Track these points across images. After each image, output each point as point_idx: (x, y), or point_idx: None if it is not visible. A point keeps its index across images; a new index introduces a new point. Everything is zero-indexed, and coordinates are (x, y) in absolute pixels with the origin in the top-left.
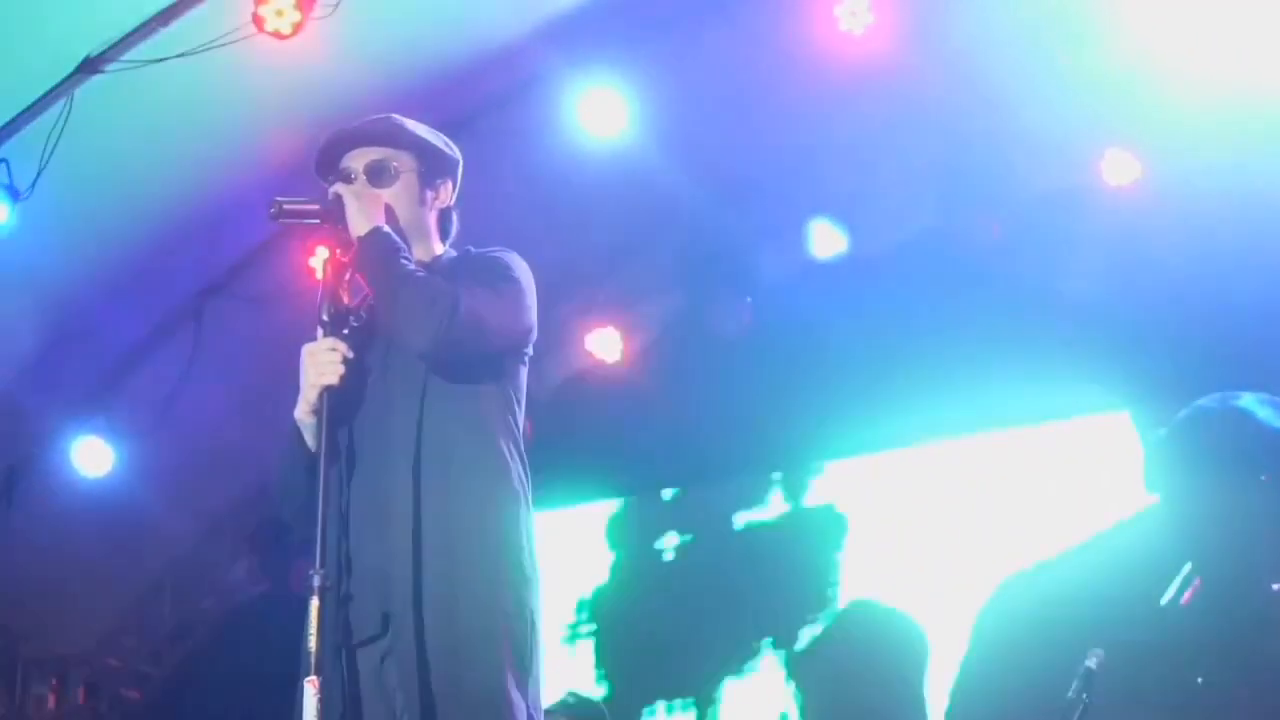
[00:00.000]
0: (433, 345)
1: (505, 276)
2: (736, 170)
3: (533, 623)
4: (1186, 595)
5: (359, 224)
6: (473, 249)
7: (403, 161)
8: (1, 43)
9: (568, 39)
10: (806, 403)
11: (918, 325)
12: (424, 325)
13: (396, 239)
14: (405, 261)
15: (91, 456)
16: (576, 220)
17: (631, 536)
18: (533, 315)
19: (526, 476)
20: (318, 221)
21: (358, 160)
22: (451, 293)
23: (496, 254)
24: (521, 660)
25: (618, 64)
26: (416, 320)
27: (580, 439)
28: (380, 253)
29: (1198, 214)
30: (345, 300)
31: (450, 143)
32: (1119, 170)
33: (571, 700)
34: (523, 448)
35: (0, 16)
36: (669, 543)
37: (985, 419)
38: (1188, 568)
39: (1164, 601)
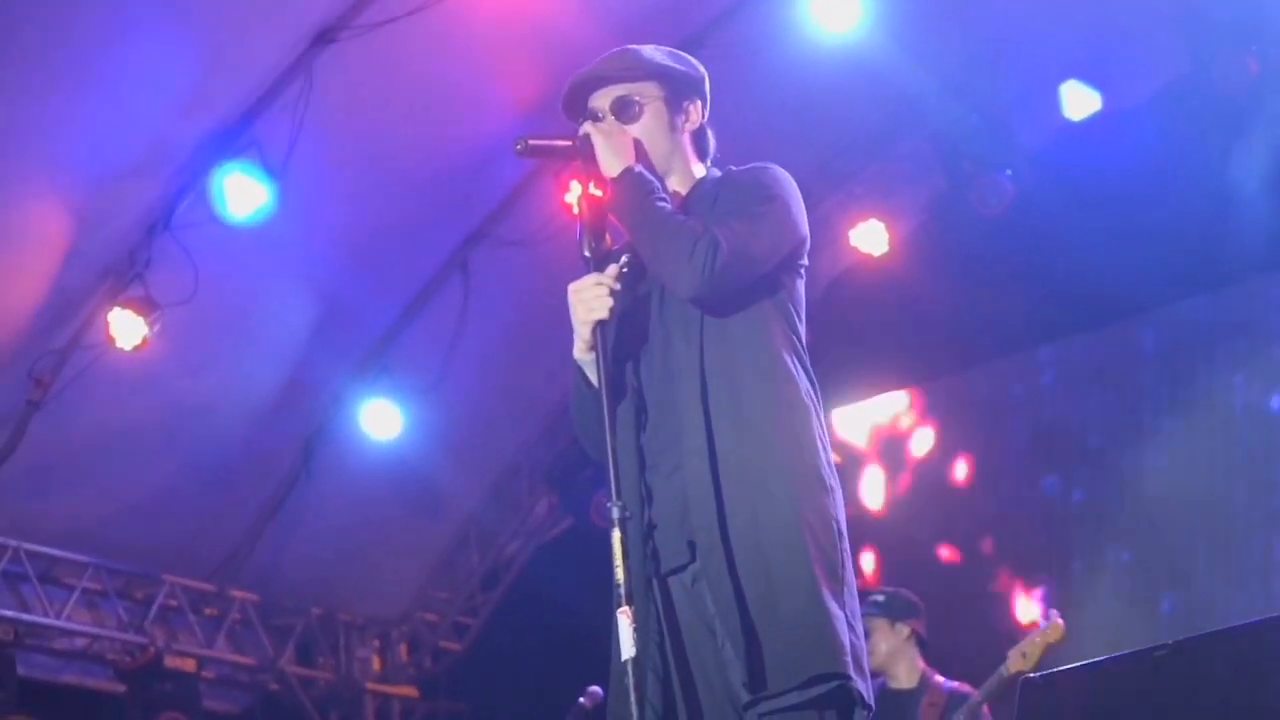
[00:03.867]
0: (698, 291)
1: (765, 197)
2: (978, 43)
3: (840, 532)
4: None
5: (610, 163)
6: (733, 168)
7: (646, 92)
8: (237, 26)
9: None
10: (1078, 268)
11: (1180, 177)
12: (687, 273)
13: (650, 180)
14: (661, 204)
15: (380, 420)
16: (825, 118)
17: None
18: (802, 227)
19: (815, 386)
20: (567, 154)
21: (603, 100)
22: (709, 236)
23: (756, 174)
24: (833, 571)
25: None
26: (679, 269)
27: (858, 334)
28: (635, 198)
29: None
30: (607, 236)
31: (692, 60)
32: None
33: (882, 599)
34: (807, 359)
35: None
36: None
37: (1261, 263)
38: None
39: None
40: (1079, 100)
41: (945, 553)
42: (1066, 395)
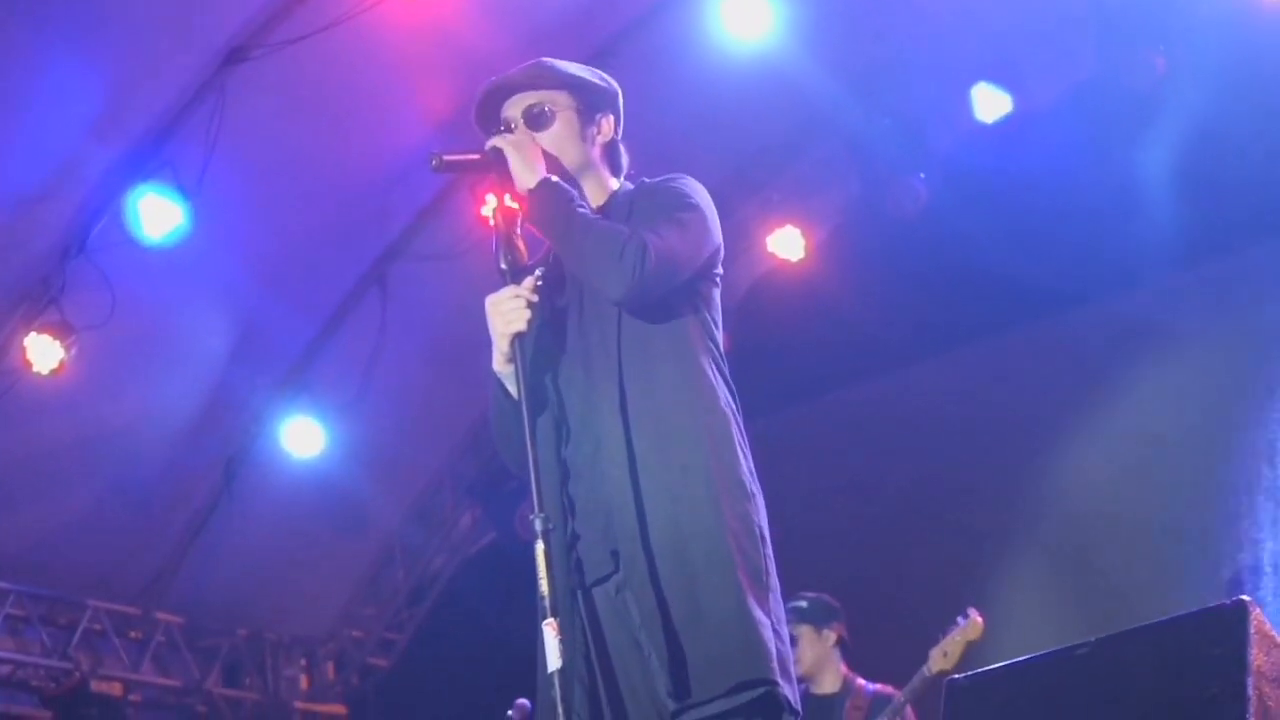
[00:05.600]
0: (628, 294)
1: (684, 204)
2: (889, 47)
3: (762, 538)
4: None
5: (524, 176)
6: (646, 180)
7: (558, 101)
8: (147, 46)
9: None
10: (992, 269)
11: (1091, 176)
12: (617, 277)
13: (567, 189)
14: (583, 211)
15: (302, 438)
16: (738, 125)
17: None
18: (717, 235)
19: (733, 394)
20: (481, 168)
21: (514, 108)
22: (638, 239)
23: (671, 182)
24: (757, 577)
25: None
26: (608, 272)
27: (779, 341)
28: (555, 207)
29: None
30: (522, 248)
31: (606, 76)
32: None
33: (805, 605)
34: (725, 366)
35: (143, 20)
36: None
37: (1173, 261)
38: None
39: None
40: (990, 102)
41: (866, 551)
42: (982, 396)
